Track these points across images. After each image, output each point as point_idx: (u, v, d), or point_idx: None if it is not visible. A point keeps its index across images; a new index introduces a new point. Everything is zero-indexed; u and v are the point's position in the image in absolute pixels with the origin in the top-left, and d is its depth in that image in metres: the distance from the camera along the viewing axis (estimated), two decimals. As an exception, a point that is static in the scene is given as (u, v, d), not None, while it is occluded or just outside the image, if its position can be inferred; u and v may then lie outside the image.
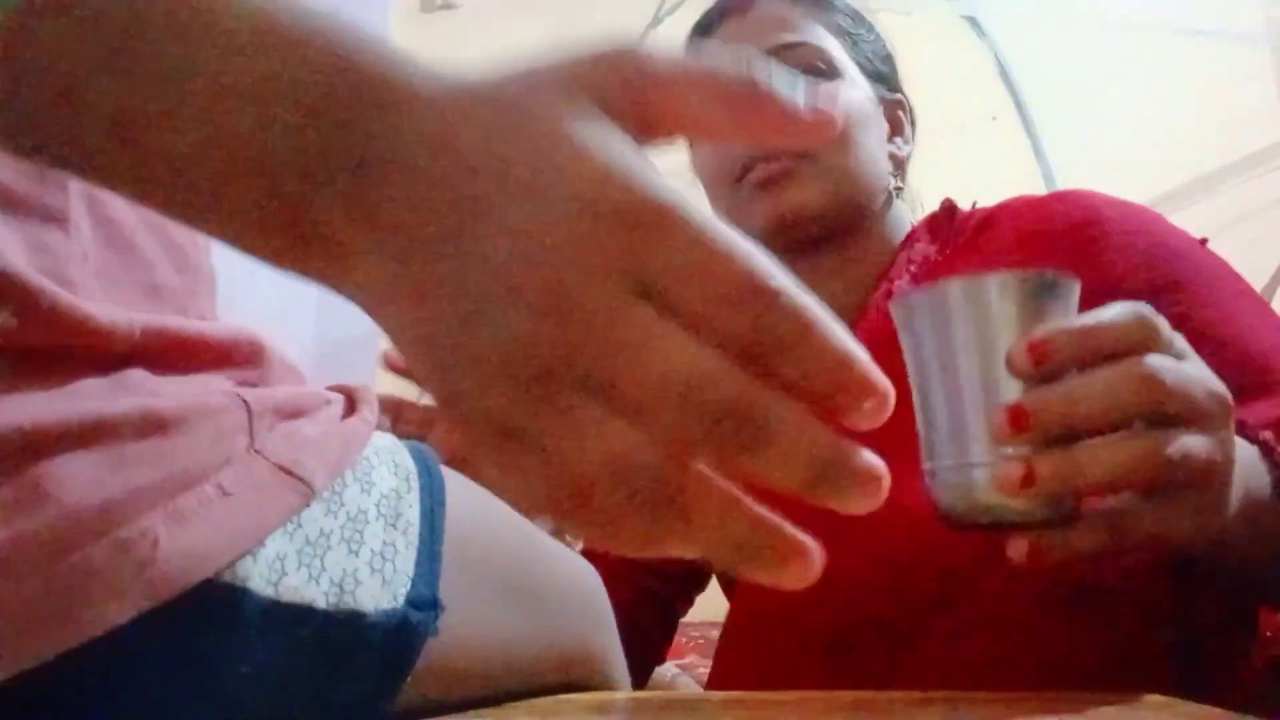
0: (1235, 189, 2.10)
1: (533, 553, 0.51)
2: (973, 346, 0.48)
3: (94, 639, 0.32)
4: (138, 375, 0.37)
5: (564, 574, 0.53)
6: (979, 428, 0.47)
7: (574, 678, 0.52)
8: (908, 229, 0.86)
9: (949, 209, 0.84)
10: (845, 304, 0.82)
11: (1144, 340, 0.45)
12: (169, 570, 0.33)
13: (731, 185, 0.82)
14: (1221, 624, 0.65)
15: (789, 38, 0.81)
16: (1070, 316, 0.47)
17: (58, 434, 0.33)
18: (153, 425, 0.35)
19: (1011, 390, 0.46)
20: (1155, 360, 0.44)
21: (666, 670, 1.17)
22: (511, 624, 0.47)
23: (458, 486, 0.46)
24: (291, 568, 0.36)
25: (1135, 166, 2.20)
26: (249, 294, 0.60)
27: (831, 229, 0.81)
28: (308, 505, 0.38)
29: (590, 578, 0.54)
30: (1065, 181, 2.39)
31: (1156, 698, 0.48)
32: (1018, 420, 0.44)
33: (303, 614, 0.37)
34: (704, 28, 0.88)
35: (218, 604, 0.34)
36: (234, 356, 0.42)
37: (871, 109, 0.83)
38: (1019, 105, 2.39)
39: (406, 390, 0.62)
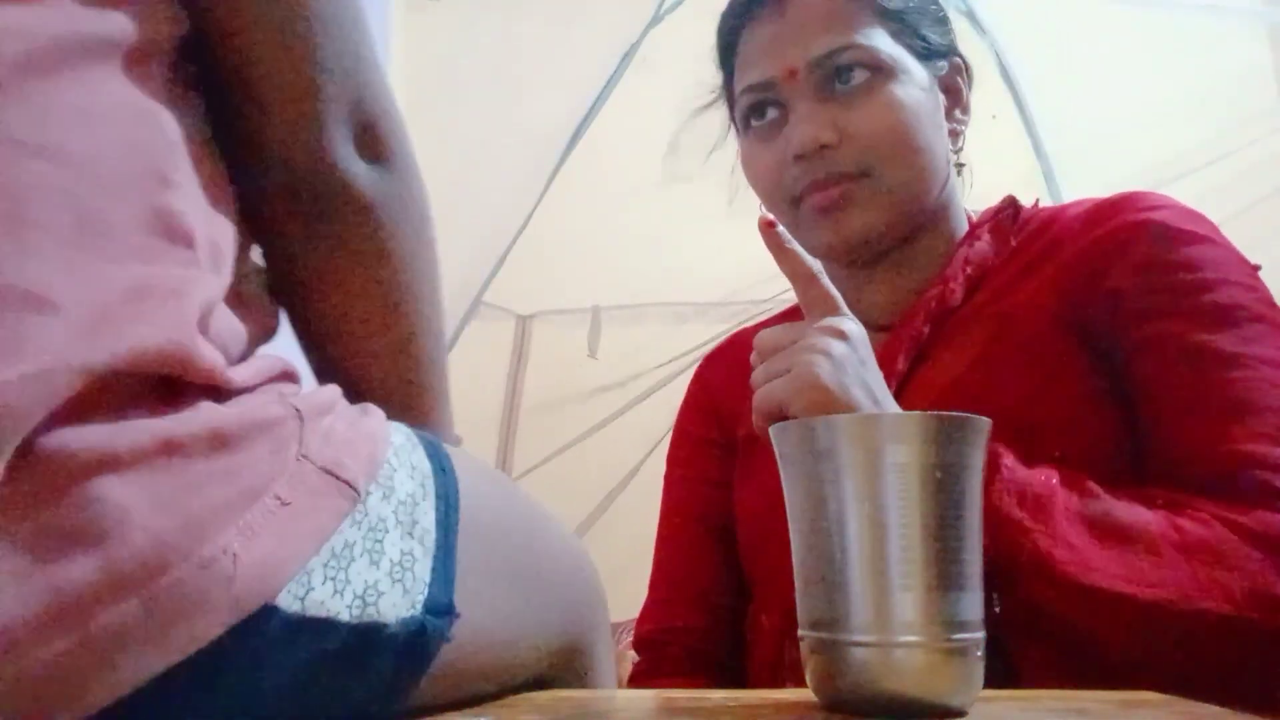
0: (1234, 180, 2.09)
1: (541, 542, 0.51)
2: (859, 497, 0.41)
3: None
4: (205, 403, 0.37)
5: (568, 563, 0.53)
6: (867, 599, 0.41)
7: (562, 667, 0.52)
8: (965, 218, 0.83)
9: (1013, 207, 0.82)
10: (903, 297, 0.79)
11: None
12: (250, 584, 0.34)
13: (789, 205, 0.78)
14: None
15: (834, 41, 0.75)
16: (978, 463, 0.43)
17: (129, 457, 0.33)
18: (219, 443, 0.35)
19: (910, 555, 0.41)
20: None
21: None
22: (520, 616, 0.47)
23: (470, 481, 0.46)
24: (318, 582, 0.37)
25: (1135, 160, 2.19)
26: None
27: (903, 236, 0.78)
28: (355, 507, 0.39)
29: (589, 566, 0.55)
30: (1065, 179, 2.38)
31: (1156, 696, 0.48)
32: None
33: (327, 627, 0.37)
34: (734, 25, 0.82)
35: (244, 621, 0.34)
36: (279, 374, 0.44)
37: (928, 96, 0.77)
38: (1019, 103, 2.38)
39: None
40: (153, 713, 0.33)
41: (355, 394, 0.45)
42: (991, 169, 0.91)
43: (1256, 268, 0.70)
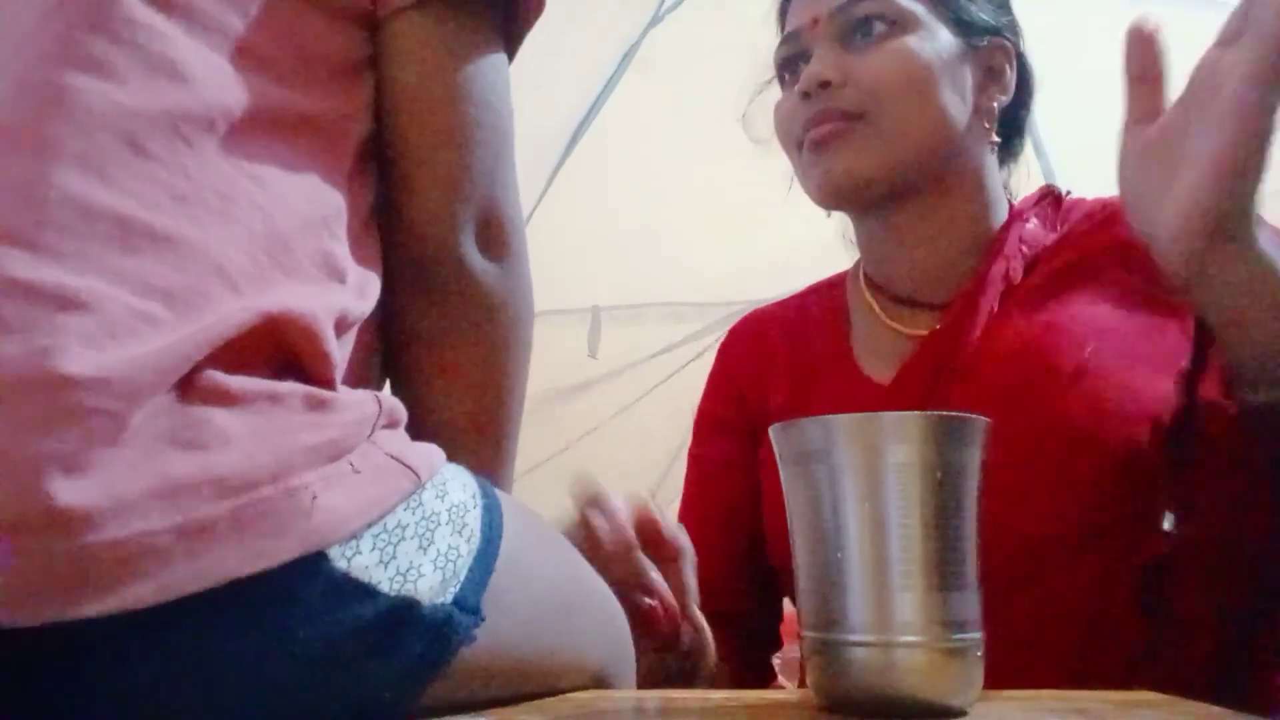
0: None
1: (574, 579, 0.54)
2: (858, 497, 0.41)
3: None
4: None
5: (599, 605, 0.55)
6: (867, 599, 0.41)
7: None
8: (1005, 200, 0.84)
9: (1055, 195, 0.84)
10: (945, 272, 0.80)
11: None
12: (323, 523, 0.38)
13: (796, 149, 0.80)
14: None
15: None
16: (978, 463, 0.43)
17: (239, 396, 0.39)
18: (315, 403, 0.41)
19: (910, 555, 0.41)
20: None
21: None
22: (546, 636, 0.49)
23: (513, 511, 0.49)
24: (366, 548, 0.40)
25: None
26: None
27: (897, 190, 0.78)
28: (417, 492, 0.43)
29: (617, 612, 0.58)
30: (1065, 179, 2.38)
31: (1156, 696, 0.48)
32: None
33: (367, 593, 0.40)
34: None
35: (298, 564, 0.38)
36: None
37: (951, 60, 0.78)
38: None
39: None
40: (200, 642, 0.37)
41: (435, 439, 0.49)
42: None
43: None
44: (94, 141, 0.40)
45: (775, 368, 0.88)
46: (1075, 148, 2.38)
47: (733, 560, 0.86)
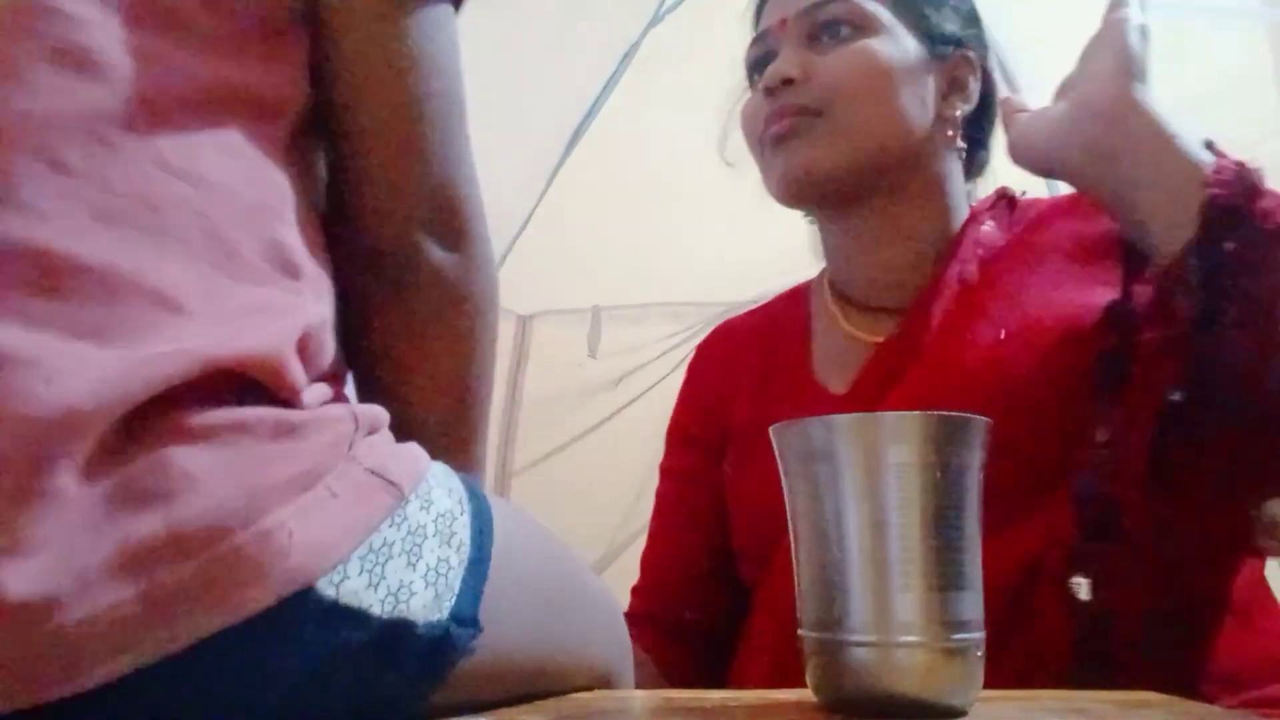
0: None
1: (571, 578, 0.53)
2: (859, 497, 0.41)
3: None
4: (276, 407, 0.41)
5: (597, 601, 0.55)
6: (867, 599, 0.41)
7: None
8: (966, 205, 0.84)
9: (1010, 197, 0.84)
10: (906, 276, 0.81)
11: None
12: (302, 560, 0.36)
13: (760, 148, 0.82)
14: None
15: None
16: (978, 463, 0.43)
17: (201, 431, 0.36)
18: (284, 429, 0.38)
19: (910, 555, 0.41)
20: None
21: None
22: (547, 638, 0.49)
23: (504, 512, 0.48)
24: (354, 572, 0.38)
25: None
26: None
27: (857, 189, 0.79)
28: (401, 506, 0.41)
29: (616, 610, 0.57)
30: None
31: (1156, 696, 0.48)
32: None
33: (359, 618, 0.38)
34: None
35: (284, 599, 0.36)
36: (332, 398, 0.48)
37: (913, 66, 0.79)
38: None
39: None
40: (185, 681, 0.35)
41: (405, 436, 0.47)
42: (991, 167, 0.91)
43: None
44: (5, 164, 0.36)
45: (741, 381, 0.89)
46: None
47: (698, 571, 0.86)
